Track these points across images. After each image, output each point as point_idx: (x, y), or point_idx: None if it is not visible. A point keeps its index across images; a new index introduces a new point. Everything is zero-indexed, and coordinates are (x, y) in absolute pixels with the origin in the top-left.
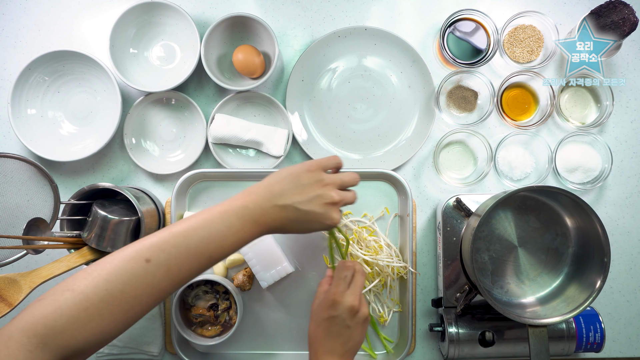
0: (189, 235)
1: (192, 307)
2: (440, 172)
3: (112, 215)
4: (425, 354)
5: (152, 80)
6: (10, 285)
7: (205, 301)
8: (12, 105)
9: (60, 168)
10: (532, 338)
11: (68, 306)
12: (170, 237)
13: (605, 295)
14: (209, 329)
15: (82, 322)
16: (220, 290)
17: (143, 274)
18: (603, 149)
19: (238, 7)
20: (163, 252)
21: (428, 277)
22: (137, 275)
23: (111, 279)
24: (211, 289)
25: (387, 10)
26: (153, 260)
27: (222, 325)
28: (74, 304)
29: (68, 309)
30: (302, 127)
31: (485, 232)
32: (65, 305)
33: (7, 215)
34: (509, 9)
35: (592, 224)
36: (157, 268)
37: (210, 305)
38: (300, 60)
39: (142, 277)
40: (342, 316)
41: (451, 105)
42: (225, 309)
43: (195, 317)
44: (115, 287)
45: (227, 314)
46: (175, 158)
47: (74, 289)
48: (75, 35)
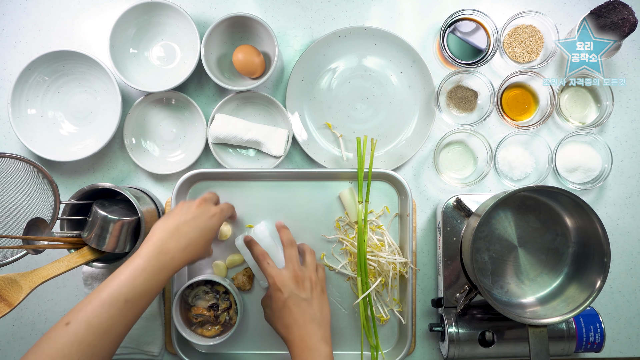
0: (100, 288)
1: (192, 307)
2: (440, 172)
3: (112, 215)
4: (425, 354)
5: (152, 80)
6: (10, 285)
7: (205, 301)
8: (12, 105)
9: (60, 168)
10: (532, 338)
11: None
12: (86, 297)
13: (605, 295)
14: (209, 329)
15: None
16: (221, 291)
17: (64, 335)
18: (603, 149)
19: (238, 7)
20: (80, 312)
21: (428, 277)
22: (60, 337)
23: (37, 350)
24: (211, 289)
25: (387, 10)
26: (72, 321)
27: (222, 325)
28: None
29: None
30: (302, 127)
31: (485, 232)
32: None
33: (7, 215)
34: (509, 9)
35: (592, 224)
36: (77, 326)
37: (211, 305)
38: (300, 60)
39: (64, 338)
40: (292, 292)
41: (451, 105)
42: (225, 309)
43: (196, 317)
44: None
45: (227, 314)
46: (175, 158)
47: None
48: (75, 35)
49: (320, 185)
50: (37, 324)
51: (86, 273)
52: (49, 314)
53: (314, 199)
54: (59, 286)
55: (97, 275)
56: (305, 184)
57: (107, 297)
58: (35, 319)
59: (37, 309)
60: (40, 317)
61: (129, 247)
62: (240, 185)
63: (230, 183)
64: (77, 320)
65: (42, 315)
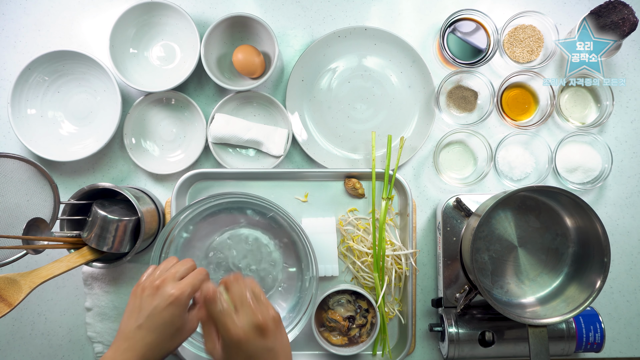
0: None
1: (330, 310)
2: (440, 172)
3: (112, 215)
4: (425, 354)
5: (152, 80)
6: (10, 285)
7: (345, 310)
8: (12, 105)
9: (60, 168)
10: (532, 338)
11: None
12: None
13: (605, 295)
14: (337, 337)
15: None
16: (363, 307)
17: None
18: (603, 149)
19: (238, 7)
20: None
21: (428, 277)
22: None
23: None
24: (354, 301)
25: (387, 10)
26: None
27: (349, 339)
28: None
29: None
30: (302, 127)
31: (485, 232)
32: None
33: (7, 215)
34: (509, 9)
35: (592, 224)
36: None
37: (348, 317)
38: (300, 60)
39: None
40: (141, 295)
41: (451, 105)
42: (360, 325)
43: (330, 320)
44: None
45: (358, 330)
46: (175, 158)
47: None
48: (75, 35)
49: (320, 185)
50: (37, 324)
51: (86, 273)
52: (49, 314)
53: (314, 198)
54: (59, 286)
55: (97, 275)
56: (305, 184)
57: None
58: (35, 319)
59: (37, 309)
60: (40, 317)
61: (129, 247)
62: (240, 185)
63: (230, 183)
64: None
65: (42, 315)
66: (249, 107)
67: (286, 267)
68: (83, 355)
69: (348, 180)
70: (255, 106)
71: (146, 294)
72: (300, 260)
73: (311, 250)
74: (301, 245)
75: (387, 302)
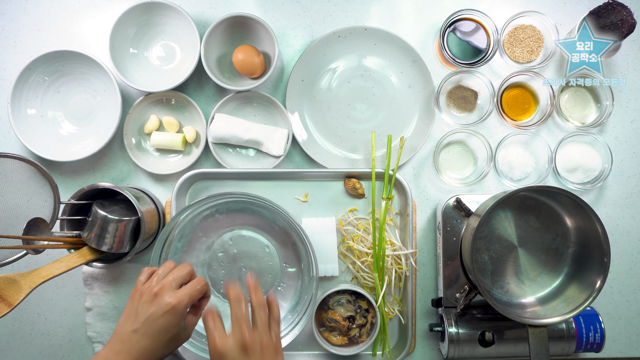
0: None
1: (330, 310)
2: (440, 172)
3: (112, 215)
4: (425, 354)
5: (152, 80)
6: (10, 285)
7: (345, 310)
8: (12, 105)
9: (60, 168)
10: (532, 338)
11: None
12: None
13: (605, 295)
14: (337, 337)
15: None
16: (363, 307)
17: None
18: (603, 149)
19: (238, 7)
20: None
21: (428, 277)
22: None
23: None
24: (354, 301)
25: (387, 10)
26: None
27: (349, 339)
28: None
29: None
30: (302, 127)
31: (485, 232)
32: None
33: (7, 215)
34: (509, 9)
35: (592, 224)
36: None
37: (348, 317)
38: (300, 60)
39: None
40: (138, 300)
41: (451, 105)
42: (360, 325)
43: (330, 320)
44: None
45: (358, 330)
46: (175, 158)
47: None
48: (75, 35)
49: (320, 185)
50: (37, 324)
51: (86, 273)
52: (49, 314)
53: (314, 198)
54: (59, 286)
55: (97, 275)
56: (305, 184)
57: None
58: (35, 319)
59: (37, 309)
60: (40, 317)
61: (129, 247)
62: (240, 185)
63: (230, 183)
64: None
65: (42, 315)
66: (249, 107)
67: (286, 267)
68: (83, 355)
69: (348, 180)
70: (255, 106)
71: (144, 300)
72: (300, 260)
73: (311, 250)
74: (301, 245)
75: (387, 302)
